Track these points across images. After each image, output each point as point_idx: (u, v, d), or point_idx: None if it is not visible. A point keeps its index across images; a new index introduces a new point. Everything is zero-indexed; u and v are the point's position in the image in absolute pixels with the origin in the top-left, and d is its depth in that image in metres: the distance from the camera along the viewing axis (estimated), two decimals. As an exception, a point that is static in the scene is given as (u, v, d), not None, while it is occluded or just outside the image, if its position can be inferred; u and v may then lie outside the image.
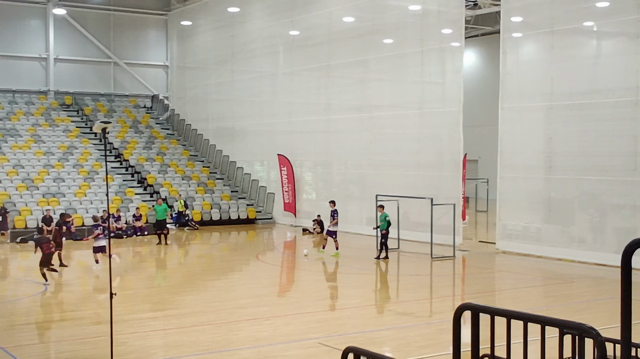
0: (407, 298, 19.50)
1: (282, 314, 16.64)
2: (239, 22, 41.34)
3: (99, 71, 46.26)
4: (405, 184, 30.25)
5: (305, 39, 37.02)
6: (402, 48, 31.81)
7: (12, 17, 43.30)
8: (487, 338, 6.33)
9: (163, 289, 20.77)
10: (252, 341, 14.17)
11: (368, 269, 24.23)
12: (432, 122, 30.25)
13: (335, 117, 34.94)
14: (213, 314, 16.79)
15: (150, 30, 47.76)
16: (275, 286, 22.42)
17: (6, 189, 34.12)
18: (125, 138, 42.04)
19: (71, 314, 17.05)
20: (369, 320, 16.70)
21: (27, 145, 38.52)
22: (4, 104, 42.00)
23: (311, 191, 37.82)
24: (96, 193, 35.66)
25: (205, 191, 38.70)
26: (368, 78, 33.52)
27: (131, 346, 13.50)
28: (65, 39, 44.87)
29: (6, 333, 14.86)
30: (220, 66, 43.24)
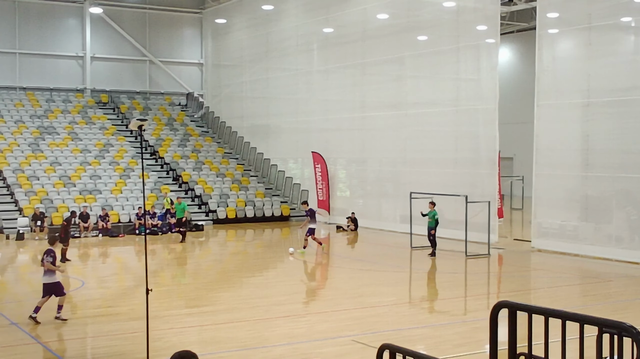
0: (442, 296, 19.44)
1: (317, 312, 16.67)
2: (274, 20, 41.43)
3: (134, 69, 46.67)
4: (440, 181, 30.10)
5: (339, 37, 36.98)
6: (438, 45, 31.65)
7: (50, 17, 43.85)
8: (523, 336, 6.28)
9: (198, 286, 20.90)
10: (287, 338, 14.21)
11: (402, 267, 24.17)
12: (468, 120, 30.07)
13: (370, 115, 34.88)
14: (248, 310, 16.86)
15: (185, 28, 48.06)
16: (310, 283, 22.45)
17: (44, 186, 34.58)
18: (160, 136, 42.37)
19: (108, 309, 17.23)
20: (403, 318, 16.66)
21: (65, 143, 38.99)
22: (42, 102, 42.56)
23: (345, 189, 37.81)
24: (132, 190, 36.00)
25: (239, 188, 38.87)
26: (403, 75, 33.41)
27: (167, 342, 13.61)
28: (101, 37, 45.33)
29: (45, 328, 15.05)
30: (254, 64, 43.36)
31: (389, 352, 6.46)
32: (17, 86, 43.18)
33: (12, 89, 43.03)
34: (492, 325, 6.21)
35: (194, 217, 35.41)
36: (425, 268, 24.19)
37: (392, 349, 6.46)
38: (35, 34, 43.43)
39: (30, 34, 43.33)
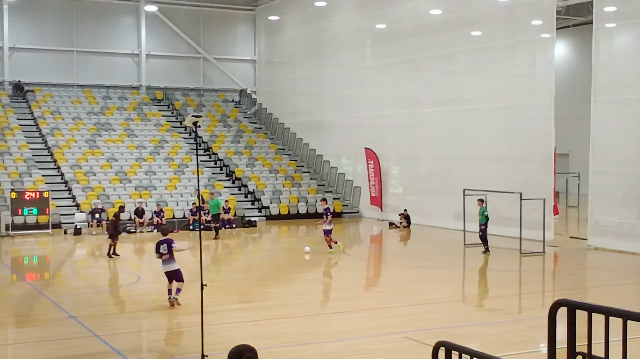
0: (496, 294, 19.24)
1: (369, 308, 16.62)
2: (326, 17, 41.42)
3: (189, 66, 47.15)
4: (494, 178, 29.79)
5: (392, 32, 36.83)
6: (491, 40, 31.30)
7: (106, 15, 44.53)
8: (582, 335, 6.18)
9: (251, 281, 21.03)
10: (340, 334, 14.21)
11: (455, 264, 23.99)
12: (522, 116, 29.67)
13: (422, 111, 34.66)
14: (301, 306, 16.91)
15: (239, 25, 48.37)
16: (363, 279, 22.42)
17: (100, 182, 35.16)
18: (214, 132, 42.73)
19: (163, 304, 17.42)
20: (457, 315, 16.53)
21: (121, 139, 39.58)
22: (99, 99, 43.25)
23: (397, 185, 37.66)
24: (186, 186, 36.38)
25: (292, 185, 39.00)
26: (456, 71, 33.14)
27: (221, 337, 13.72)
28: (156, 35, 45.88)
29: (101, 321, 15.31)
30: (307, 60, 43.43)
31: (445, 350, 6.39)
32: (75, 84, 43.96)
33: (70, 86, 43.83)
34: (551, 324, 6.10)
35: (247, 214, 35.64)
36: (479, 266, 23.97)
37: (447, 347, 6.38)
38: (92, 32, 44.15)
39: (87, 32, 44.05)
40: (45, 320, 15.86)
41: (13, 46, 42.32)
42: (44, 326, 15.23)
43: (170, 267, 16.51)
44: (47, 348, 13.25)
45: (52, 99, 42.07)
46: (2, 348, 13.88)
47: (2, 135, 37.55)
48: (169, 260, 16.53)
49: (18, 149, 36.74)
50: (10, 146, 36.77)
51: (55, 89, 43.28)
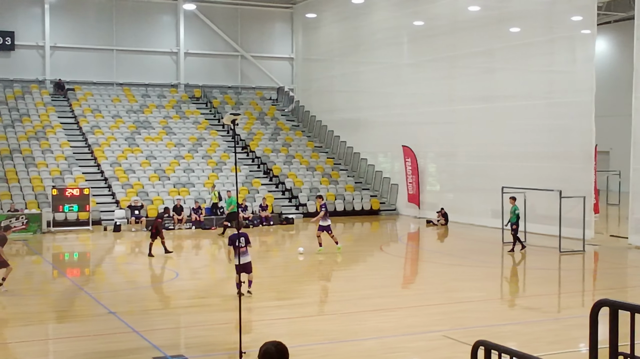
0: (534, 293, 19.06)
1: (406, 306, 16.58)
2: (363, 14, 41.36)
3: (226, 64, 47.38)
4: (532, 176, 29.51)
5: (429, 29, 36.66)
6: (530, 37, 31.00)
7: (145, 14, 44.92)
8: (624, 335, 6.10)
9: (288, 278, 21.09)
10: (377, 331, 14.20)
11: (493, 262, 23.81)
12: (562, 113, 29.35)
13: (459, 108, 34.45)
14: (337, 304, 16.92)
15: (276, 23, 48.49)
16: (400, 277, 22.37)
17: (139, 179, 35.49)
18: (251, 130, 42.90)
19: (200, 300, 17.56)
20: (494, 314, 16.42)
21: (159, 137, 39.91)
22: (138, 97, 43.66)
23: (435, 183, 37.49)
24: (224, 183, 36.56)
25: (329, 182, 39.01)
26: (494, 68, 32.88)
27: (258, 334, 13.79)
28: (194, 33, 46.17)
29: (140, 317, 15.46)
30: (344, 58, 43.40)
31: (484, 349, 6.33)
32: (114, 82, 44.42)
33: (110, 84, 44.30)
34: (592, 324, 6.03)
35: (284, 211, 35.72)
36: (517, 264, 23.77)
37: (487, 346, 6.33)
38: (131, 31, 44.58)
39: (126, 31, 44.50)
40: (85, 315, 16.07)
41: (54, 45, 42.89)
42: (84, 322, 15.43)
43: (245, 259, 16.85)
44: (87, 343, 13.42)
45: (92, 97, 42.55)
46: (43, 342, 14.10)
47: (44, 133, 38.09)
48: (245, 253, 16.90)
49: (59, 146, 37.23)
50: (51, 143, 37.28)
51: (95, 87, 43.78)
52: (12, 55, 42.21)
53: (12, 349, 13.30)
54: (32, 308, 16.78)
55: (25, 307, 16.79)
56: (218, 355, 12.79)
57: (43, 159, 35.85)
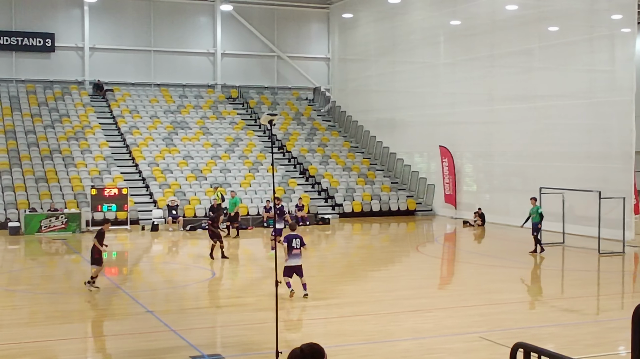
0: (573, 294, 18.84)
1: (443, 307, 16.49)
2: (400, 14, 41.24)
3: (263, 65, 47.52)
4: (571, 176, 29.22)
5: (467, 29, 36.45)
6: (569, 36, 30.68)
7: (183, 15, 45.24)
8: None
9: (324, 278, 21.08)
10: (414, 332, 14.14)
11: (530, 263, 23.60)
12: (601, 113, 29.00)
13: (497, 108, 34.21)
14: (374, 304, 16.88)
15: (313, 23, 48.53)
16: (436, 278, 22.26)
17: (177, 179, 35.75)
18: (288, 130, 43.00)
19: (237, 300, 17.64)
20: (532, 316, 16.28)
21: (196, 137, 40.16)
22: (175, 98, 43.98)
23: (472, 183, 37.26)
24: (260, 183, 36.69)
25: (365, 182, 38.96)
26: (533, 67, 32.58)
27: (294, 333, 13.82)
28: (231, 34, 46.40)
29: (177, 316, 15.57)
30: (381, 58, 43.32)
31: (523, 351, 6.27)
32: (152, 83, 44.83)
33: (148, 85, 44.71)
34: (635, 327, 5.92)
35: (320, 211, 35.75)
36: (555, 265, 23.55)
37: (526, 349, 6.26)
38: (169, 32, 44.93)
39: (164, 32, 44.85)
40: (124, 314, 16.23)
41: (93, 46, 43.39)
42: (122, 320, 15.58)
43: (297, 262, 17.05)
44: (125, 342, 13.55)
45: (130, 98, 42.99)
46: (81, 340, 14.26)
47: (83, 133, 38.54)
48: (298, 255, 17.09)
49: (98, 147, 37.65)
50: (90, 144, 37.71)
51: (134, 88, 44.21)
52: (52, 56, 42.80)
53: (53, 346, 13.47)
54: (72, 306, 16.99)
55: (65, 305, 17.00)
56: (254, 355, 12.82)
57: (82, 159, 36.28)
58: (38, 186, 33.59)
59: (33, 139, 37.22)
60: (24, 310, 16.51)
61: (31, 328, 14.73)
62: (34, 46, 42.19)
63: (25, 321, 15.45)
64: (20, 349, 13.07)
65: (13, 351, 12.94)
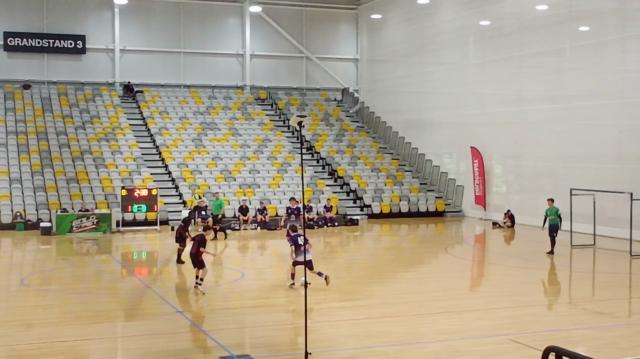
0: (604, 297, 18.64)
1: (473, 309, 16.40)
2: (429, 14, 41.12)
3: (291, 66, 47.61)
4: (602, 177, 28.95)
5: (496, 29, 36.24)
6: (600, 35, 30.36)
7: (212, 17, 45.48)
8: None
9: (353, 280, 21.06)
10: (443, 334, 14.08)
11: (561, 265, 23.40)
12: (633, 113, 28.67)
13: (527, 108, 33.97)
14: (403, 306, 16.83)
15: (341, 24, 48.53)
16: (466, 279, 22.14)
17: (206, 180, 35.91)
18: (316, 131, 43.02)
19: (266, 301, 17.67)
20: (562, 318, 16.14)
21: (225, 138, 40.33)
22: (204, 99, 44.20)
23: (501, 184, 37.03)
24: (289, 184, 36.75)
25: (394, 183, 38.87)
26: (563, 67, 32.31)
27: (323, 335, 13.80)
28: (260, 35, 46.54)
29: (206, 316, 15.63)
30: (409, 58, 43.21)
31: (555, 355, 6.22)
32: (182, 84, 45.10)
33: (177, 86, 44.99)
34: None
35: (349, 212, 35.72)
36: (586, 267, 23.32)
37: (558, 352, 6.21)
38: (198, 33, 45.19)
39: (193, 34, 45.12)
40: (153, 314, 16.33)
41: (123, 48, 43.76)
42: (151, 320, 15.67)
43: (308, 256, 17.51)
44: (155, 341, 13.63)
45: (160, 99, 43.27)
46: (111, 340, 14.37)
47: (113, 134, 38.85)
48: (308, 250, 17.57)
49: (128, 147, 37.94)
50: (120, 144, 38.01)
51: (163, 89, 44.50)
52: (83, 58, 43.23)
53: (83, 346, 13.59)
54: (102, 306, 17.13)
55: (95, 305, 17.14)
56: (283, 355, 12.84)
57: (113, 160, 36.57)
58: (69, 187, 33.93)
59: (64, 140, 37.60)
60: (55, 310, 16.68)
61: (62, 328, 14.88)
62: (65, 48, 42.66)
63: (56, 321, 15.61)
64: (51, 349, 13.21)
65: (44, 351, 13.08)
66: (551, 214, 24.64)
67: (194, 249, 18.76)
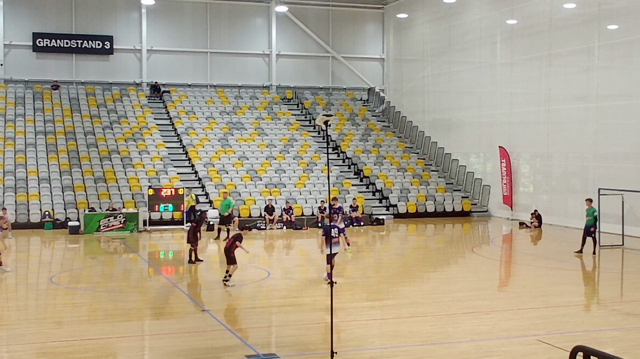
0: (634, 298, 18.44)
1: (501, 309, 16.30)
2: (456, 13, 40.95)
3: (317, 65, 47.64)
4: (631, 177, 28.68)
5: (525, 28, 36.01)
6: (631, 34, 30.05)
7: (239, 17, 45.64)
8: None
9: (381, 279, 21.02)
10: (471, 334, 14.00)
11: (590, 266, 23.19)
12: (663, 112, 28.38)
13: (556, 108, 33.71)
14: (431, 305, 16.77)
15: (367, 24, 48.48)
16: (494, 279, 22.01)
17: (232, 180, 36.02)
18: (342, 130, 42.99)
19: (293, 300, 17.68)
20: (592, 319, 16.00)
21: (252, 138, 40.42)
22: (231, 99, 44.35)
23: (528, 184, 36.78)
24: (315, 184, 36.76)
25: (420, 183, 38.74)
26: (593, 66, 32.03)
27: (350, 334, 13.78)
28: (286, 35, 46.62)
29: (233, 315, 15.68)
30: (436, 58, 43.06)
31: (583, 354, 6.17)
32: (208, 84, 45.29)
33: (204, 86, 45.19)
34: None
35: (375, 212, 35.65)
36: (615, 267, 23.09)
37: (586, 352, 6.16)
38: (225, 34, 45.38)
39: (220, 34, 45.32)
40: (180, 313, 16.40)
41: (151, 49, 44.03)
42: (179, 319, 15.73)
43: (336, 249, 18.76)
44: (182, 340, 13.68)
45: (186, 99, 43.48)
46: (139, 338, 14.44)
47: (141, 134, 39.10)
48: (337, 243, 18.80)
49: (155, 147, 38.14)
50: (147, 144, 38.23)
51: (190, 89, 44.72)
52: (110, 59, 43.56)
53: (113, 344, 13.68)
54: (131, 304, 17.23)
55: (124, 303, 17.24)
56: (310, 355, 12.83)
57: (140, 159, 36.79)
58: (97, 186, 34.18)
59: (92, 139, 37.89)
60: (85, 308, 16.79)
61: (92, 325, 14.98)
62: (93, 49, 43.01)
63: (86, 319, 15.72)
64: (81, 346, 13.31)
65: (75, 348, 13.18)
66: (588, 214, 24.46)
67: (229, 244, 19.14)
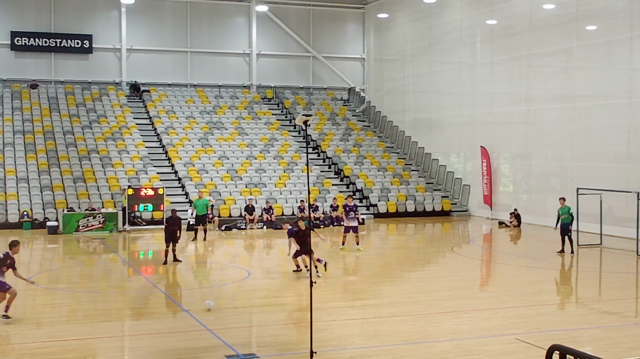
0: (612, 296, 18.59)
1: (481, 308, 16.37)
2: (437, 13, 41.08)
3: (298, 65, 47.63)
4: (610, 177, 28.88)
5: (505, 28, 36.19)
6: (609, 34, 30.27)
7: (219, 16, 45.53)
8: None
9: (361, 279, 21.06)
10: (451, 333, 14.06)
11: (569, 265, 23.35)
12: (641, 112, 28.60)
13: (536, 108, 33.90)
14: (412, 305, 16.82)
15: (348, 24, 48.52)
16: (474, 279, 22.10)
17: (212, 179, 35.93)
18: (323, 130, 43.02)
19: (273, 300, 17.67)
20: (570, 318, 16.10)
21: (232, 137, 40.36)
22: (211, 98, 44.24)
23: (508, 184, 36.98)
24: (295, 184, 36.75)
25: (400, 183, 38.84)
26: (572, 67, 32.24)
27: (331, 334, 13.79)
28: (266, 35, 46.57)
29: (213, 315, 15.63)
30: (417, 58, 43.17)
31: (559, 353, 6.21)
32: (189, 83, 45.15)
33: (184, 86, 45.04)
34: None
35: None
36: (593, 267, 23.25)
37: (562, 351, 6.21)
38: (205, 33, 45.25)
39: (200, 33, 45.18)
40: (160, 313, 16.35)
41: (130, 48, 43.83)
42: (159, 319, 15.68)
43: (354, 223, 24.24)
44: (162, 340, 13.64)
45: (167, 98, 43.33)
46: (119, 339, 14.38)
47: (120, 133, 38.91)
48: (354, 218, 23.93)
49: (134, 147, 37.99)
50: (127, 144, 38.07)
51: (170, 88, 44.57)
52: (90, 58, 43.32)
53: (93, 344, 13.61)
54: (110, 304, 17.14)
55: (104, 304, 17.16)
56: (289, 355, 12.83)
57: (119, 159, 36.62)
58: (76, 186, 33.99)
59: (71, 139, 37.67)
60: (64, 308, 16.70)
61: (71, 326, 14.90)
62: (72, 48, 42.75)
63: (66, 319, 15.63)
64: (61, 347, 13.23)
65: (54, 349, 13.10)
66: (563, 213, 24.60)
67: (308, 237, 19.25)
